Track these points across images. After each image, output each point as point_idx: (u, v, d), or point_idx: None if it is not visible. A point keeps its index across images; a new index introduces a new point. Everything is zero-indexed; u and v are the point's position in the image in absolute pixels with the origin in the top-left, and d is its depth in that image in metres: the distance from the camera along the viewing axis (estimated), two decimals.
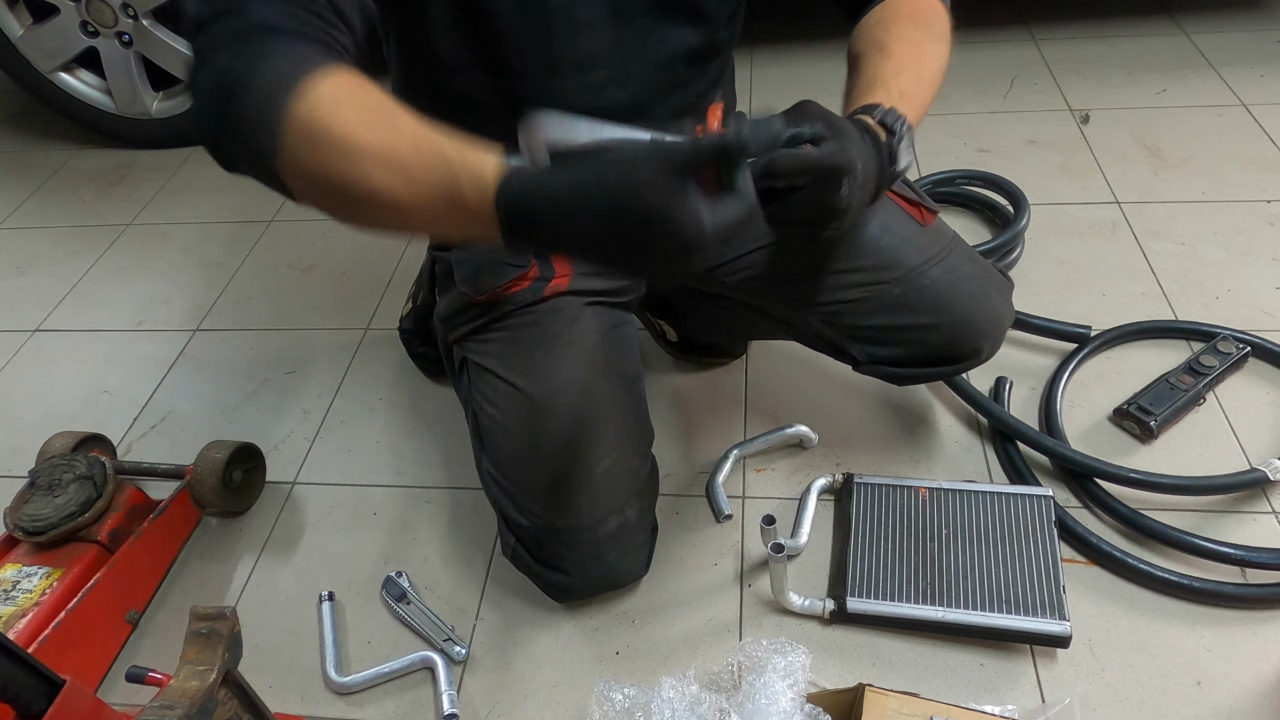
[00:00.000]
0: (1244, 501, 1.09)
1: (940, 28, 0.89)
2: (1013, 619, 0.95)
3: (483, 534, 1.16)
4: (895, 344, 1.02)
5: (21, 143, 2.24)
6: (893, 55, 0.83)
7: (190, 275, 1.72)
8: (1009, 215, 1.53)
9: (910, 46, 0.84)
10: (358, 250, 1.72)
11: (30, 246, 1.87)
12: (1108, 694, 0.93)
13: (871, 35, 0.87)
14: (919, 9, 0.89)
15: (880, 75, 0.81)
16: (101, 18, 1.92)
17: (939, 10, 0.91)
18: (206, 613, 0.72)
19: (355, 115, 0.61)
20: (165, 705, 0.66)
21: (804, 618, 1.02)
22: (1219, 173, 1.64)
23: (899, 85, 0.80)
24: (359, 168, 0.60)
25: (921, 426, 1.23)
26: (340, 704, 1.00)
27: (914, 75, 0.82)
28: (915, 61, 0.83)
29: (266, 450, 1.28)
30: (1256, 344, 1.25)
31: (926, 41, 0.86)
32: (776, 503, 1.15)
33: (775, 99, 2.02)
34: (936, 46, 0.87)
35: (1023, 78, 2.00)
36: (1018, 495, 1.06)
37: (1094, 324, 1.31)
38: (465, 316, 1.03)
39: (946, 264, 0.99)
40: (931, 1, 0.91)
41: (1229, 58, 1.97)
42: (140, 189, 2.01)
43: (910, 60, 0.83)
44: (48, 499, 1.08)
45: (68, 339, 1.61)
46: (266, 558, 1.18)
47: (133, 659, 1.06)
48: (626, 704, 0.90)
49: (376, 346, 1.49)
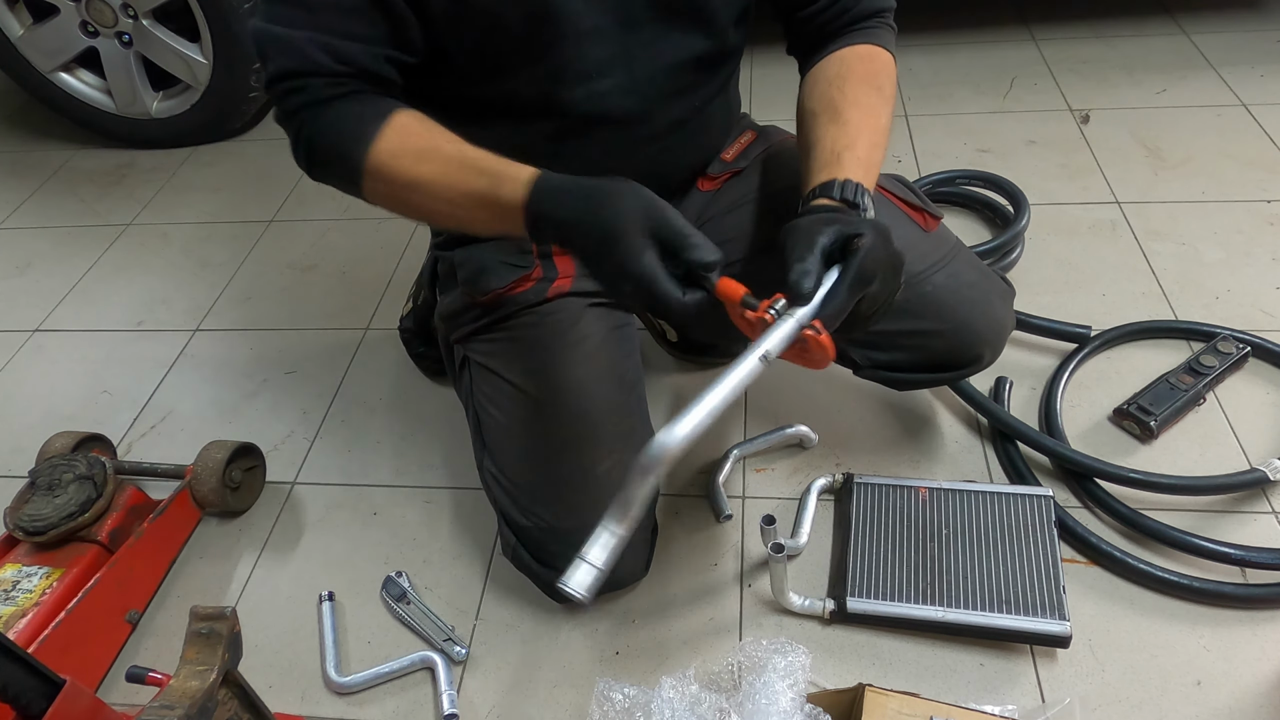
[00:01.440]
0: (1244, 501, 1.09)
1: (889, 86, 0.91)
2: (1013, 619, 0.95)
3: (483, 534, 1.16)
4: (896, 349, 1.02)
5: (21, 143, 2.24)
6: (848, 124, 0.85)
7: (190, 275, 1.73)
8: (1009, 215, 1.53)
9: (862, 111, 0.86)
10: (358, 250, 1.72)
11: (30, 246, 1.87)
12: (1108, 694, 0.93)
13: (826, 95, 0.89)
14: (871, 67, 0.91)
15: (836, 148, 0.83)
16: (101, 18, 1.92)
17: (888, 65, 0.93)
18: (206, 613, 0.72)
19: (413, 157, 0.80)
20: (165, 705, 0.66)
21: (804, 618, 1.02)
22: (1219, 173, 1.64)
23: (854, 156, 0.83)
24: (421, 195, 0.80)
25: (921, 427, 1.23)
26: (340, 704, 1.00)
27: (867, 143, 0.85)
28: (868, 127, 0.86)
29: (266, 450, 1.28)
30: (1256, 344, 1.25)
31: (878, 103, 0.89)
32: (776, 503, 1.16)
33: (775, 99, 2.02)
34: (886, 108, 0.90)
35: (1023, 78, 2.00)
36: (1018, 495, 1.06)
37: (1094, 324, 1.31)
38: (467, 316, 1.03)
39: (949, 270, 0.99)
40: (882, 56, 0.93)
41: (1229, 58, 1.97)
42: (140, 189, 2.01)
43: (864, 128, 0.85)
44: (48, 499, 1.08)
45: (68, 339, 1.61)
46: (266, 558, 1.18)
47: (133, 659, 1.06)
48: (626, 704, 0.90)
49: (376, 346, 1.49)
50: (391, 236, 1.74)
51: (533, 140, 0.93)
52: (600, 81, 0.89)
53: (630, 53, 0.89)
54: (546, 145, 0.93)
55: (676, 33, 0.90)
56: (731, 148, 1.09)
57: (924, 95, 1.98)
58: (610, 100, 0.90)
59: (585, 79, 0.89)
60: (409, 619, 1.06)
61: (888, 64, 0.93)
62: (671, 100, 0.95)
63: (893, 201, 1.01)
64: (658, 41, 0.90)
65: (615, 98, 0.91)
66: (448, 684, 0.98)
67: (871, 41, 0.93)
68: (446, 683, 0.98)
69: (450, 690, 0.98)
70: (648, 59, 0.90)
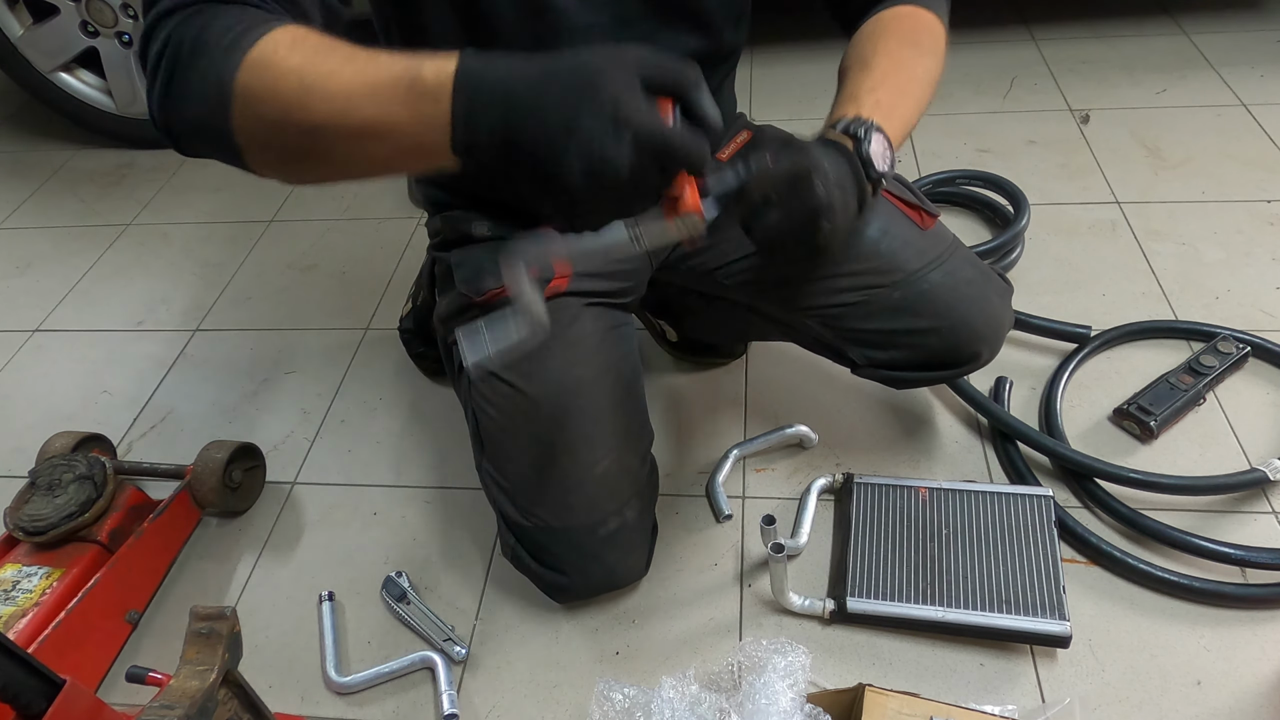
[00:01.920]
0: (1244, 501, 1.09)
1: (930, 41, 0.88)
2: (1013, 619, 0.95)
3: (483, 534, 1.16)
4: (894, 347, 1.02)
5: (21, 143, 2.24)
6: (873, 70, 0.82)
7: (190, 275, 1.72)
8: (1009, 215, 1.53)
9: (893, 60, 0.83)
10: (358, 250, 1.72)
11: (30, 246, 1.87)
12: (1108, 694, 0.93)
13: (858, 51, 0.87)
14: (911, 24, 0.88)
15: (856, 91, 0.80)
16: (101, 18, 1.92)
17: (932, 25, 0.90)
18: (206, 613, 0.72)
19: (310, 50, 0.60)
20: (165, 705, 0.66)
21: (804, 618, 1.02)
22: (1219, 173, 1.64)
23: (874, 98, 0.79)
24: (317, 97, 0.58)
25: (921, 427, 1.23)
26: (340, 704, 1.00)
27: (893, 88, 0.81)
28: (895, 74, 0.82)
29: (266, 450, 1.28)
30: (1256, 344, 1.25)
31: (913, 56, 0.85)
32: (776, 503, 1.16)
33: (775, 99, 2.03)
34: (924, 60, 0.86)
35: (1023, 78, 2.00)
36: (1018, 495, 1.06)
37: (1094, 324, 1.31)
38: (465, 317, 1.03)
39: (946, 268, 0.99)
40: (925, 16, 0.90)
41: (1229, 58, 1.97)
42: (140, 189, 2.01)
43: (890, 73, 0.82)
44: (48, 499, 1.08)
45: (68, 339, 1.61)
46: (266, 558, 1.18)
47: (133, 659, 1.06)
48: (626, 704, 0.90)
49: (376, 346, 1.49)
50: (391, 236, 1.74)
51: None
52: None
53: None
54: None
55: (670, 31, 0.90)
56: (727, 147, 1.09)
57: None
58: None
59: None
60: (409, 619, 1.06)
61: (931, 24, 0.89)
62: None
63: (889, 199, 1.01)
64: (652, 40, 0.89)
65: None
66: (448, 684, 0.98)
67: (917, 3, 0.90)
68: (446, 683, 0.98)
69: (450, 690, 0.97)
70: None
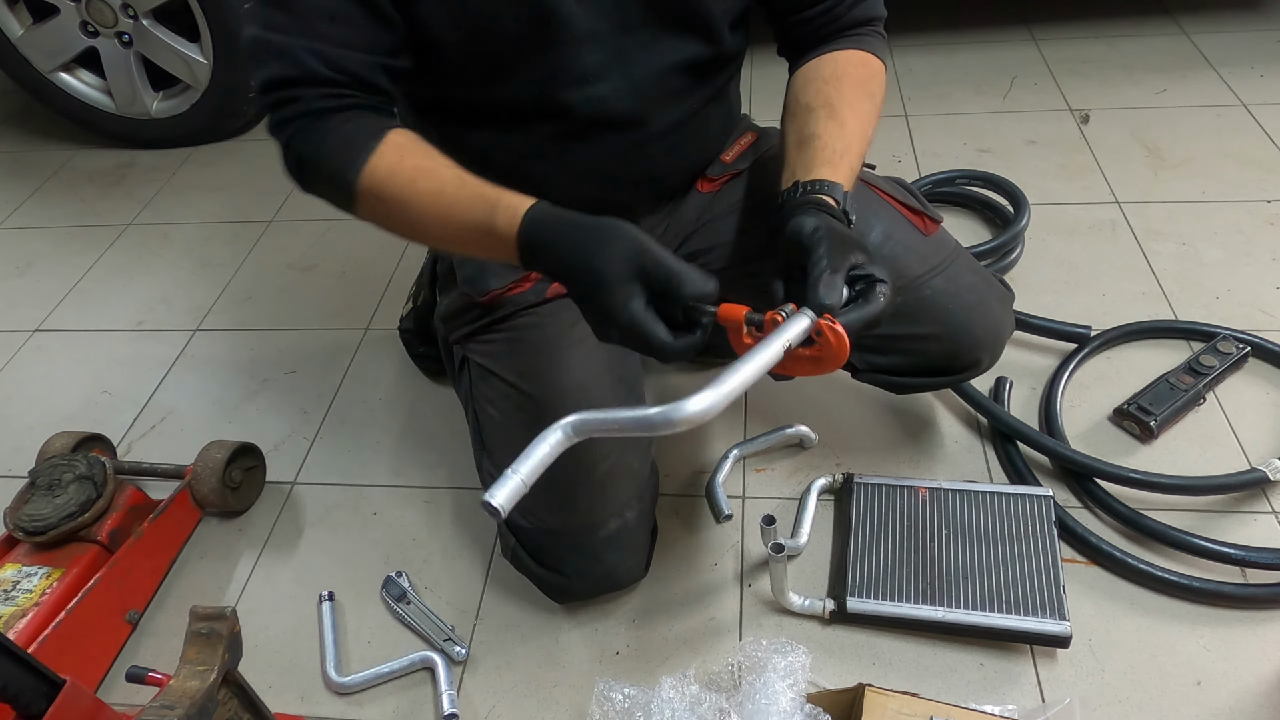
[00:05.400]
0: (1244, 501, 1.09)
1: (880, 94, 0.93)
2: (1013, 619, 0.95)
3: (483, 534, 1.16)
4: (895, 353, 1.02)
5: (21, 143, 2.24)
6: (845, 126, 0.86)
7: (190, 275, 1.73)
8: (1009, 215, 1.53)
9: (860, 119, 0.88)
10: (358, 250, 1.72)
11: (30, 246, 1.87)
12: (1108, 694, 0.93)
13: (822, 93, 0.89)
14: (865, 72, 0.92)
15: (838, 148, 0.85)
16: (101, 18, 1.92)
17: (879, 72, 0.94)
18: (206, 613, 0.72)
19: (407, 178, 0.80)
20: (165, 705, 0.66)
21: (804, 618, 1.02)
22: (1219, 173, 1.64)
23: (849, 163, 0.85)
24: (415, 215, 0.81)
25: (921, 427, 1.23)
26: (340, 704, 1.00)
27: (858, 153, 0.87)
28: (862, 137, 0.88)
29: (266, 450, 1.28)
30: (1256, 344, 1.25)
31: (870, 113, 0.90)
32: (776, 503, 1.15)
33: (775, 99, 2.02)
34: (875, 116, 0.92)
35: (1023, 78, 2.00)
36: (1018, 495, 1.06)
37: (1094, 324, 1.31)
38: (467, 317, 1.03)
39: (948, 274, 0.99)
40: (874, 63, 0.93)
41: (1229, 58, 1.97)
42: (140, 189, 2.01)
43: (859, 135, 0.87)
44: (48, 499, 1.08)
45: (68, 339, 1.61)
46: (266, 558, 1.18)
47: (133, 659, 1.06)
48: (626, 704, 0.91)
49: (376, 346, 1.49)
50: (391, 237, 1.73)
51: (532, 142, 0.93)
52: (598, 85, 0.89)
53: (627, 56, 0.89)
54: (547, 147, 0.93)
55: (672, 37, 0.90)
56: (731, 150, 1.09)
57: (924, 95, 1.98)
58: (608, 103, 0.90)
59: (583, 82, 0.89)
60: (409, 619, 1.06)
61: (879, 71, 0.94)
62: (669, 104, 0.95)
63: (892, 205, 1.01)
64: (653, 45, 0.90)
65: (613, 101, 0.91)
66: (448, 684, 0.98)
67: (864, 48, 0.93)
68: (446, 683, 0.98)
69: (450, 690, 0.98)
70: (644, 63, 0.90)
